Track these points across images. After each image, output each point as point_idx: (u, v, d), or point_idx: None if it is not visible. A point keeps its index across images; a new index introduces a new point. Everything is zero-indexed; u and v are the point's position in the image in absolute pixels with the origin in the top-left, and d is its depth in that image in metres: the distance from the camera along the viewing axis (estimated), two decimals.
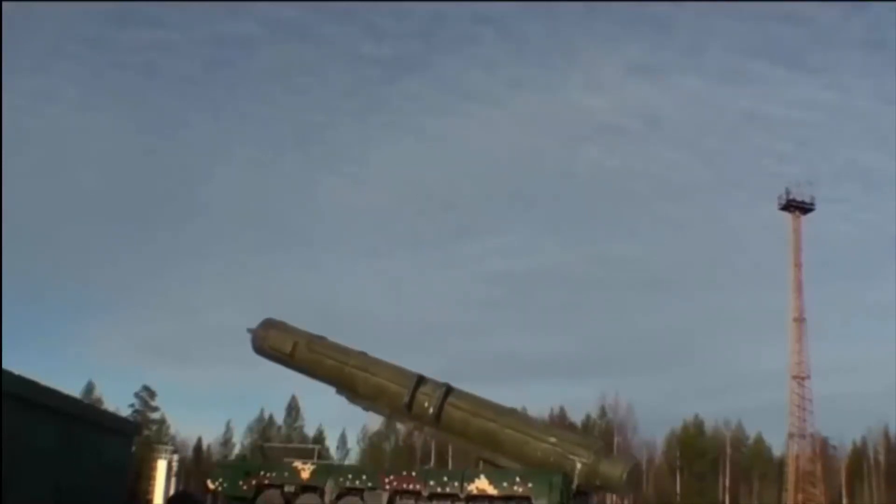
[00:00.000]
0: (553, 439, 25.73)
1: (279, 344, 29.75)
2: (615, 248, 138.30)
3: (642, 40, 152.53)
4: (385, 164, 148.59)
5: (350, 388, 28.68)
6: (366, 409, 29.16)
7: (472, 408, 26.89)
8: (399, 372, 28.12)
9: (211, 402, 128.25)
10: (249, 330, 30.49)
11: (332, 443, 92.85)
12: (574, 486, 24.80)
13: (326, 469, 27.97)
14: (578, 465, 24.86)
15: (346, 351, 29.02)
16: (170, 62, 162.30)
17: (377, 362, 28.60)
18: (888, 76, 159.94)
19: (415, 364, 28.10)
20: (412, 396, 27.29)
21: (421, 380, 27.55)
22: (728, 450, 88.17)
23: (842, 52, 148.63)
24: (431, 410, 27.03)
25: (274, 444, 68.80)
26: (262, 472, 26.98)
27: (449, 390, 27.21)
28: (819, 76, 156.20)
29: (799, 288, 71.41)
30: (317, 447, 50.53)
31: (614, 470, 24.98)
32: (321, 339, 29.62)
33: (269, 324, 30.45)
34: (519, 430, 26.18)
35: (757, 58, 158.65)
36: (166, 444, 70.58)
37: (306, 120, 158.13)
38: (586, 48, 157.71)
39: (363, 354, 28.83)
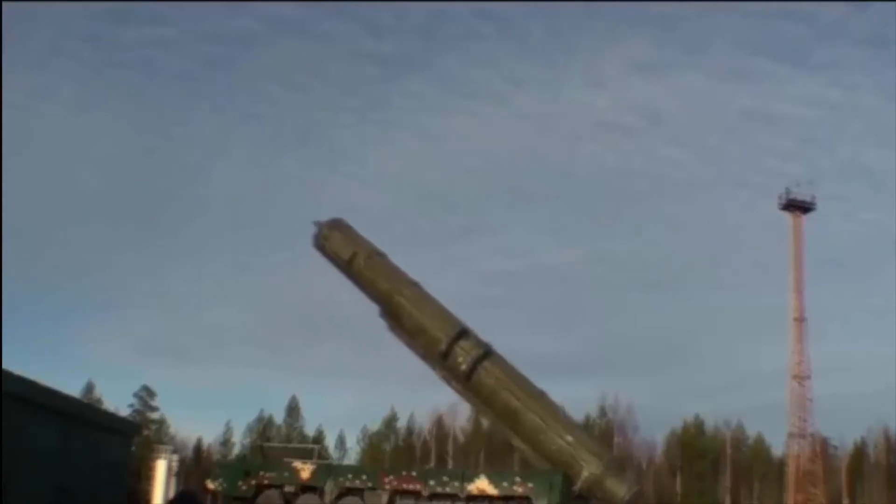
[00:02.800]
0: (570, 438, 25.55)
1: (339, 248, 29.24)
2: (615, 246, 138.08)
3: (644, 37, 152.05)
4: (385, 162, 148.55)
5: (394, 317, 28.21)
6: (403, 342, 28.52)
7: (504, 379, 26.51)
8: (446, 318, 27.60)
9: (211, 402, 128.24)
10: (316, 223, 29.97)
11: (331, 443, 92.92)
12: (576, 489, 24.79)
13: (326, 469, 27.98)
14: (585, 473, 24.79)
15: (401, 278, 28.48)
16: (169, 60, 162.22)
17: (428, 301, 28.08)
18: (892, 73, 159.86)
19: (414, 363, 27.89)
20: (449, 347, 26.87)
21: (463, 333, 27.05)
22: (728, 450, 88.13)
23: (845, 49, 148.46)
24: (464, 367, 26.67)
25: (274, 444, 68.77)
26: (261, 472, 26.98)
27: (487, 354, 26.77)
28: (822, 73, 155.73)
29: (799, 288, 71.36)
30: (316, 447, 50.53)
31: (618, 489, 24.95)
32: (382, 256, 29.05)
33: (336, 224, 29.85)
34: (541, 417, 25.90)
35: (759, 55, 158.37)
36: (166, 444, 70.59)
37: (306, 118, 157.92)
38: (587, 45, 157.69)
39: (417, 287, 28.32)
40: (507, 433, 27.01)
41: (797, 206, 72.02)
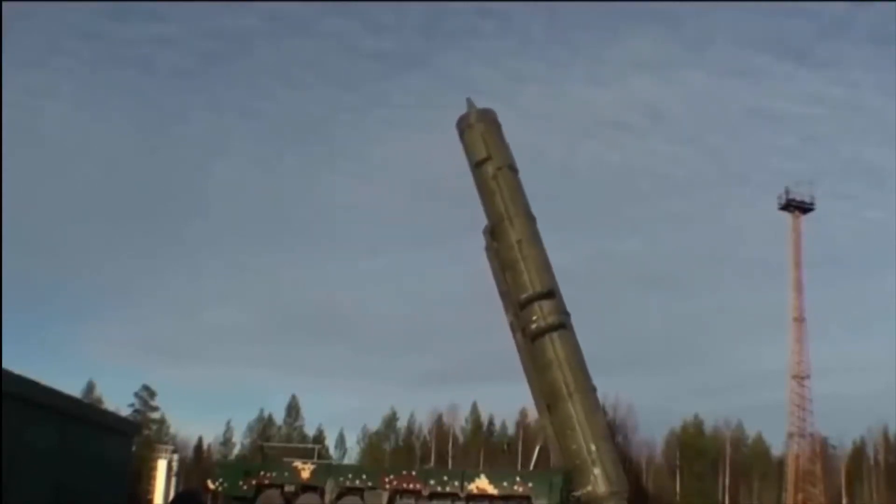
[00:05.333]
0: (594, 448, 25.31)
1: (474, 146, 28.19)
2: (616, 245, 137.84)
3: (646, 35, 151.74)
4: (386, 160, 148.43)
5: (496, 240, 27.51)
6: (491, 268, 27.70)
7: (563, 360, 26.14)
8: (542, 270, 26.86)
9: (211, 402, 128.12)
10: (468, 101, 28.76)
11: (331, 443, 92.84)
12: (576, 494, 24.80)
13: (326, 469, 28.05)
14: (589, 487, 24.75)
15: (521, 207, 27.56)
16: (168, 57, 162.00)
17: (535, 243, 27.22)
18: (894, 71, 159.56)
19: (416, 363, 27.81)
20: (530, 300, 26.30)
21: (550, 294, 26.45)
22: (728, 450, 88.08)
23: (848, 46, 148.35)
24: (534, 327, 26.25)
25: (274, 444, 68.80)
26: (262, 472, 27.06)
27: (560, 326, 26.34)
28: (825, 71, 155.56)
29: (799, 287, 71.28)
30: (317, 447, 50.56)
31: None
32: (513, 174, 27.99)
33: (485, 116, 28.52)
34: (578, 413, 25.61)
35: (762, 52, 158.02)
36: (166, 444, 70.56)
37: (306, 115, 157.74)
38: (589, 43, 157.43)
39: (532, 223, 27.41)
40: (541, 409, 26.56)
41: (797, 206, 71.95)
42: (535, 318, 26.26)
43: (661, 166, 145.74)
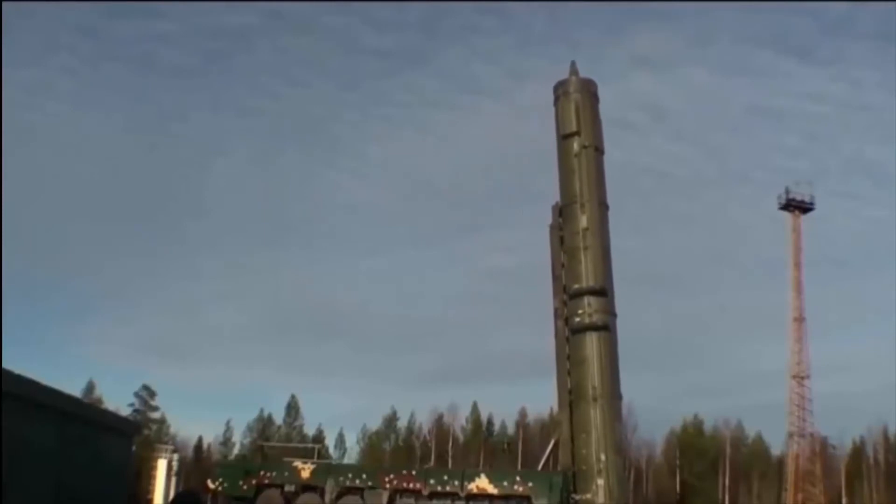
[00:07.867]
0: (604, 458, 25.26)
1: (566, 117, 27.41)
2: (617, 244, 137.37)
3: (648, 32, 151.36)
4: (387, 158, 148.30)
5: (565, 221, 27.18)
6: (550, 245, 27.41)
7: (597, 361, 25.95)
8: (601, 265, 26.48)
9: (211, 402, 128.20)
10: (572, 65, 27.91)
11: (331, 442, 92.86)
12: (576, 497, 24.82)
13: (326, 468, 28.07)
14: (589, 495, 24.73)
15: (595, 191, 27.03)
16: (168, 55, 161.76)
17: (599, 235, 26.80)
18: None
19: (416, 363, 27.82)
20: (579, 294, 26.19)
21: (602, 291, 26.22)
22: (728, 449, 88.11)
23: (851, 44, 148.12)
24: (577, 320, 26.12)
25: (274, 444, 68.83)
26: (262, 472, 27.06)
27: (601, 328, 26.19)
28: (828, 68, 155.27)
29: (799, 287, 71.29)
30: (317, 447, 50.58)
31: None
32: (598, 156, 27.36)
33: (586, 86, 27.93)
34: (597, 418, 25.57)
35: (764, 50, 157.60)
36: (166, 443, 70.57)
37: (307, 114, 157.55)
38: (590, 40, 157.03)
39: (601, 214, 27.01)
40: (562, 402, 26.45)
41: (796, 206, 71.95)
42: (580, 311, 26.09)
43: (662, 165, 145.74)
